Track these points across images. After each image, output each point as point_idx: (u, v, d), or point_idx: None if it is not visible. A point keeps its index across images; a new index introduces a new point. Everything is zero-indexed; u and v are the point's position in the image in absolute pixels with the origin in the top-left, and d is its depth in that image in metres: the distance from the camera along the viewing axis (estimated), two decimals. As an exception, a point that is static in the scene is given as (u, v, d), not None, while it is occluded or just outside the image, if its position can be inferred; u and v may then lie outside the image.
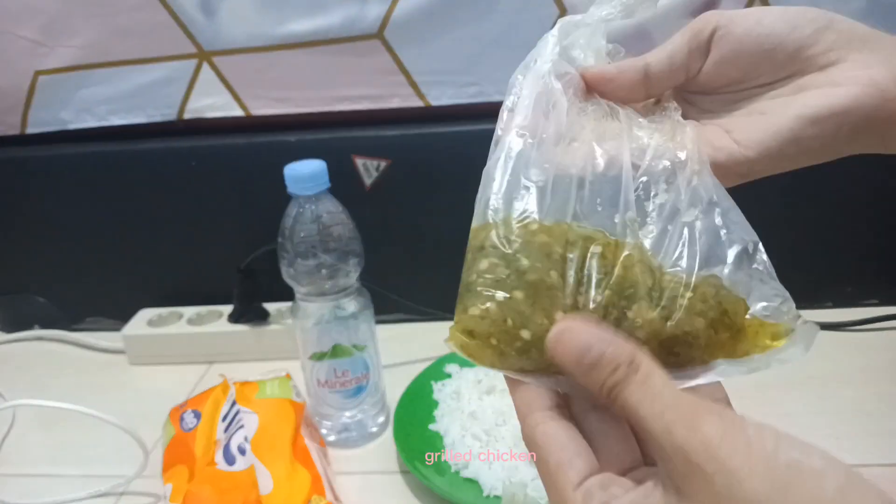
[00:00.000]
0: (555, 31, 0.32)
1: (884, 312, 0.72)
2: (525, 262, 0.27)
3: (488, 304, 0.26)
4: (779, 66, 0.30)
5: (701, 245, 0.28)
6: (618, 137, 0.30)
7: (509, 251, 0.27)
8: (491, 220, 0.28)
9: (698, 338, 0.26)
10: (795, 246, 0.73)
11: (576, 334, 0.24)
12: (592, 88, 0.32)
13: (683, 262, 0.27)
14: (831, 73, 0.30)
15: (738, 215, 0.28)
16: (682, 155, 0.29)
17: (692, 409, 0.22)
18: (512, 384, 0.27)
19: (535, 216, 0.27)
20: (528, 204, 0.28)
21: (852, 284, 0.76)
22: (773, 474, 0.20)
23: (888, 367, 0.66)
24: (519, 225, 0.27)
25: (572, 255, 0.27)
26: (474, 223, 0.28)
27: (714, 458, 0.21)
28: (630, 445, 0.26)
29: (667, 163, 0.29)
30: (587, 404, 0.27)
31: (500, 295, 0.26)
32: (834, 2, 0.63)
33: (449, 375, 0.68)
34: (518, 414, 0.27)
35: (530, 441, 0.25)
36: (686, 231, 0.28)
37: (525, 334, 0.26)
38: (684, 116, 0.32)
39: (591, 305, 0.26)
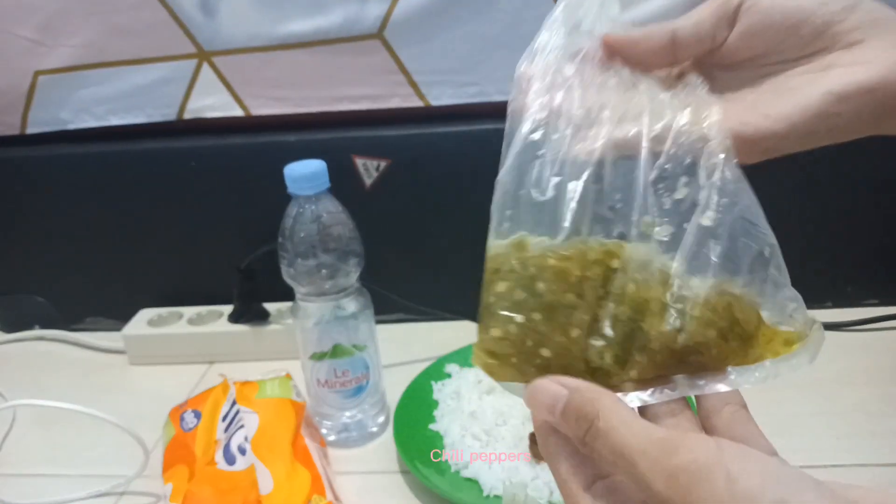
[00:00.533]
0: (558, 12, 0.31)
1: (884, 312, 0.72)
2: (541, 285, 0.27)
3: (508, 327, 0.27)
4: (805, 40, 0.30)
5: (716, 250, 0.27)
6: (639, 118, 0.29)
7: (525, 275, 0.27)
8: (506, 241, 0.28)
9: (710, 348, 0.26)
10: (795, 246, 0.73)
11: (541, 392, 0.25)
12: (617, 53, 0.31)
13: (698, 269, 0.27)
14: (857, 52, 0.30)
15: (757, 215, 0.28)
16: (706, 144, 0.28)
17: (665, 451, 0.21)
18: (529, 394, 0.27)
19: (548, 236, 0.27)
20: (542, 222, 0.27)
21: (852, 284, 0.76)
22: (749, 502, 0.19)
23: (889, 367, 0.66)
24: (535, 248, 0.27)
25: (591, 273, 0.27)
26: (490, 242, 0.28)
27: (686, 495, 0.20)
28: None
29: (688, 155, 0.28)
30: None
31: (519, 318, 0.27)
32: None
33: (449, 375, 0.68)
34: (535, 425, 0.27)
35: (543, 451, 0.26)
36: (703, 234, 0.27)
37: (545, 353, 0.27)
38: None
39: (608, 320, 0.27)
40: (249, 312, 0.76)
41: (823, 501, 0.19)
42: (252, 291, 0.75)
